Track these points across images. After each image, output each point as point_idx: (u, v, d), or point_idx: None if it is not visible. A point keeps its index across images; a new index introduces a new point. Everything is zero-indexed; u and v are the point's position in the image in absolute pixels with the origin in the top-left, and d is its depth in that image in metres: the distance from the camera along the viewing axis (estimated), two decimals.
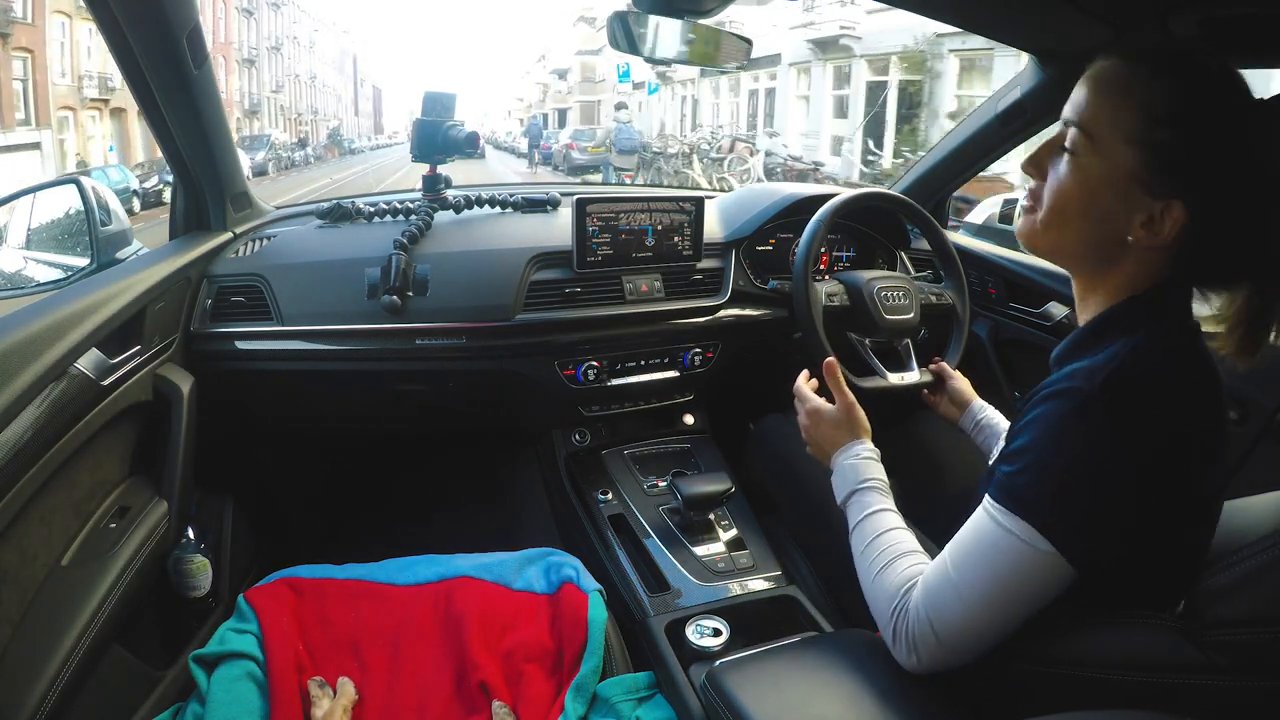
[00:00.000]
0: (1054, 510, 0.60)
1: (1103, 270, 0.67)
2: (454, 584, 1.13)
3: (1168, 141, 0.60)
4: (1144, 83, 0.61)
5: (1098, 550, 0.60)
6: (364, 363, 1.23)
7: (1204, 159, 0.59)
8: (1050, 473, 0.61)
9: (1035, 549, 0.60)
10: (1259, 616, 0.54)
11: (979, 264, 1.51)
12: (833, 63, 13.39)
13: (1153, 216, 0.61)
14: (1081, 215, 0.65)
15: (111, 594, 0.90)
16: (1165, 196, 0.60)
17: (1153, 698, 0.57)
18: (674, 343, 1.37)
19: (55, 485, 0.87)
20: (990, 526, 0.63)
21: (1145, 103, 0.60)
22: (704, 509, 1.20)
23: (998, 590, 0.62)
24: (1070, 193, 0.65)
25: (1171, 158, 0.60)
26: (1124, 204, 0.62)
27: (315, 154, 27.51)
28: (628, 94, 23.89)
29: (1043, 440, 0.61)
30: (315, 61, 41.90)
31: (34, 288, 1.12)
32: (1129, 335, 0.62)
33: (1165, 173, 0.60)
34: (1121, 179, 0.62)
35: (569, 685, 0.96)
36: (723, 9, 0.88)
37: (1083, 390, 0.59)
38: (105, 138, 16.51)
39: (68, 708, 0.81)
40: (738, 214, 1.45)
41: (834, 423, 0.90)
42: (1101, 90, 0.63)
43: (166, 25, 0.96)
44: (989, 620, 0.63)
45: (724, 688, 0.71)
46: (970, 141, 1.44)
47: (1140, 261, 0.64)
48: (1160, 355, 0.61)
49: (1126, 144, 0.61)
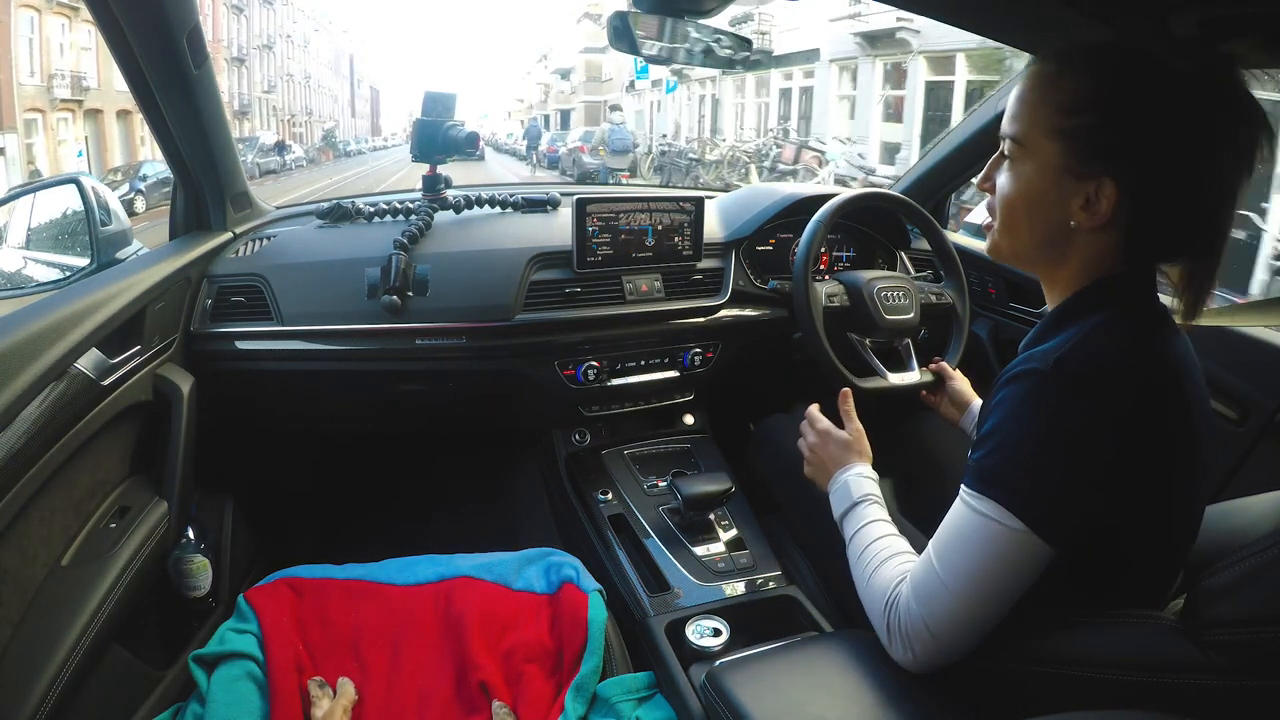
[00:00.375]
0: (1021, 488, 0.62)
1: (1059, 261, 0.70)
2: (454, 584, 1.13)
3: (1085, 126, 0.63)
4: (1054, 80, 0.66)
5: (1068, 528, 0.62)
6: (364, 363, 1.23)
7: (1122, 135, 0.63)
8: (1015, 452, 0.63)
9: (1009, 528, 0.61)
10: (1258, 616, 0.54)
11: (979, 264, 1.51)
12: (884, 59, 12.13)
13: (1089, 198, 0.64)
14: (1026, 214, 0.69)
15: (111, 594, 0.90)
16: (1095, 177, 0.63)
17: (1152, 698, 0.58)
18: (674, 343, 1.37)
19: (55, 485, 0.87)
20: (966, 513, 0.64)
21: (1058, 97, 0.65)
22: (704, 509, 1.20)
23: (980, 575, 0.63)
24: (1013, 196, 0.69)
25: (1091, 140, 0.63)
26: (1060, 192, 0.66)
27: (309, 156, 26.70)
28: (645, 90, 23.28)
29: (1006, 422, 0.64)
30: (310, 61, 41.17)
31: (34, 288, 1.12)
32: (1089, 318, 0.65)
33: (1089, 155, 0.64)
34: (1052, 170, 0.66)
35: (569, 685, 0.96)
36: (723, 9, 0.88)
37: (1039, 370, 0.62)
38: (78, 141, 15.73)
39: (68, 708, 0.81)
40: (738, 214, 1.45)
41: (842, 444, 0.93)
42: (1021, 97, 0.68)
43: (166, 25, 0.96)
44: (976, 607, 0.64)
45: (724, 688, 0.71)
46: (970, 141, 1.44)
47: (1090, 245, 0.67)
48: (1113, 336, 0.63)
49: (1049, 139, 0.65)
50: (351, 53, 60.08)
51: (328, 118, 46.21)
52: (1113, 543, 0.64)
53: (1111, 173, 0.63)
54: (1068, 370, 0.61)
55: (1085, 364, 0.61)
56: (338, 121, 49.50)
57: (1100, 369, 0.61)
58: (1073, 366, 0.61)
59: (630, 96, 24.49)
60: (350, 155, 35.38)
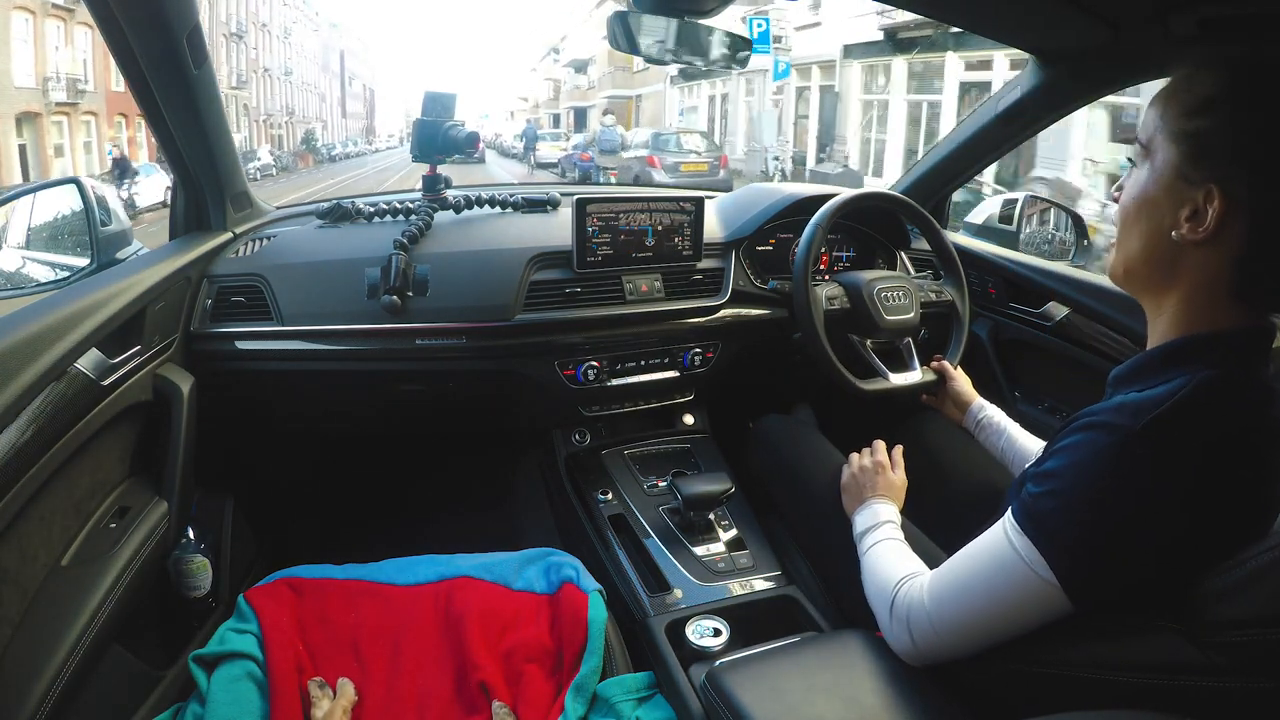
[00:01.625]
0: (1067, 545, 0.59)
1: (1165, 284, 0.64)
2: (454, 584, 1.13)
3: (1202, 129, 0.59)
4: (1185, 82, 0.61)
5: (1099, 591, 0.60)
6: (364, 363, 1.23)
7: (1237, 141, 0.58)
8: (1072, 506, 0.59)
9: (1037, 575, 0.60)
10: (1259, 617, 0.54)
11: (979, 264, 1.51)
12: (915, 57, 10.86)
13: (1196, 209, 0.59)
14: (1135, 221, 0.64)
15: (111, 594, 0.90)
16: (1204, 184, 0.58)
17: (1153, 698, 0.57)
18: (674, 343, 1.37)
19: (55, 485, 0.87)
20: (1003, 541, 0.63)
21: (1185, 98, 0.61)
22: (704, 509, 1.20)
23: (995, 602, 0.63)
24: (1127, 202, 0.65)
25: (1205, 143, 0.59)
26: (1170, 197, 0.61)
27: (280, 164, 22.98)
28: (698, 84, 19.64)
29: (1073, 470, 0.60)
30: (293, 55, 36.86)
31: (34, 288, 1.12)
32: (1195, 370, 0.58)
33: (1201, 158, 0.59)
34: (1166, 174, 0.61)
35: (569, 685, 0.96)
36: (723, 9, 0.88)
37: (1125, 428, 0.57)
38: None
39: (68, 708, 0.81)
40: (738, 214, 1.45)
41: (889, 483, 0.98)
42: (1154, 101, 0.64)
43: (166, 26, 0.96)
44: (978, 625, 0.64)
45: (724, 688, 0.71)
46: (970, 141, 1.44)
47: (1197, 269, 0.61)
48: (1223, 399, 0.57)
49: (1171, 141, 0.61)
50: (342, 48, 55.02)
51: (313, 118, 41.75)
52: (1140, 597, 0.61)
53: (1220, 179, 0.58)
54: (1159, 435, 0.56)
55: (1181, 435, 0.56)
56: (325, 122, 45.31)
57: (1197, 444, 0.56)
58: (1166, 431, 0.56)
59: (675, 89, 21.53)
60: (335, 160, 31.70)
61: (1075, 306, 1.31)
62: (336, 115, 51.83)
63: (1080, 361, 1.29)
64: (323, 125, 43.23)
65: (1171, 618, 0.59)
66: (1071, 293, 1.29)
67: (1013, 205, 1.58)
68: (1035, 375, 1.44)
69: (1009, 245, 1.55)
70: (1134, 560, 0.58)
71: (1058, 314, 1.35)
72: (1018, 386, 1.46)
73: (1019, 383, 1.47)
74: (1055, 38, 1.08)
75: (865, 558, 0.84)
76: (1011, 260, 1.46)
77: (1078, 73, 1.14)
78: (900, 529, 0.89)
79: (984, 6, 1.01)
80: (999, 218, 1.60)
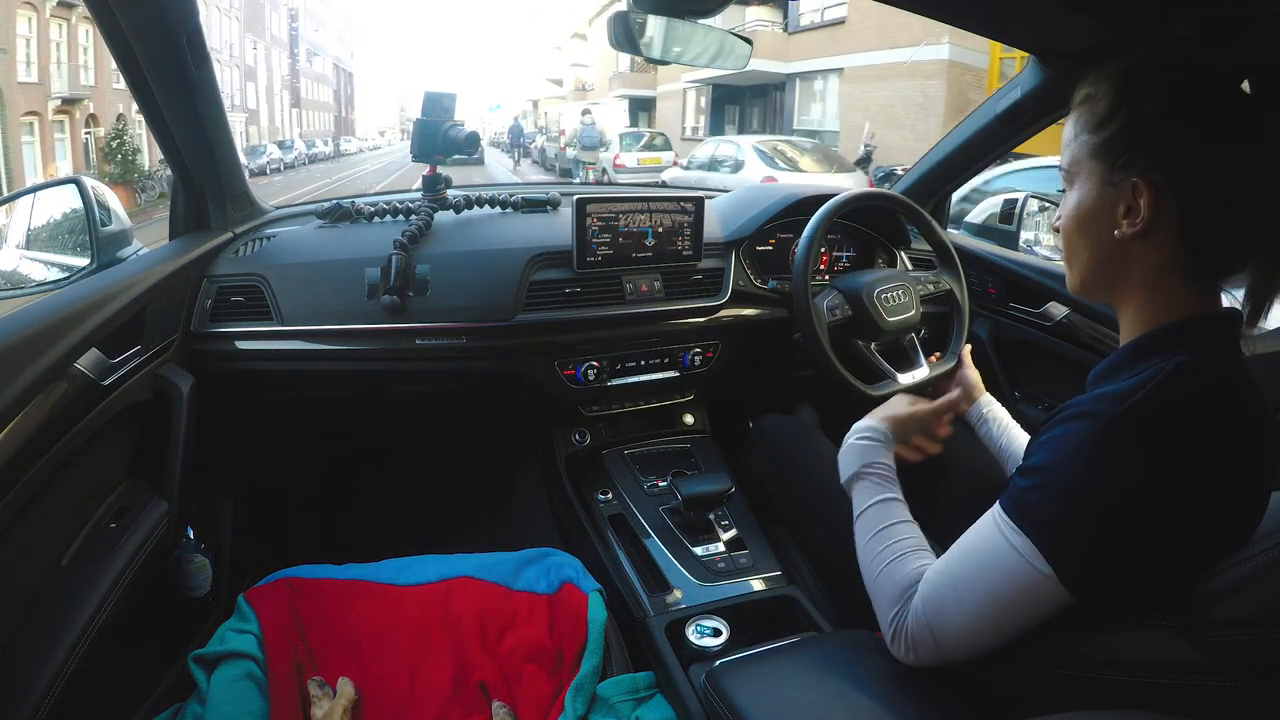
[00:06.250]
0: (1059, 534, 0.59)
1: (1121, 282, 0.67)
2: (454, 584, 1.13)
3: (1112, 135, 0.63)
4: (1087, 103, 0.66)
5: (1097, 581, 0.60)
6: (364, 363, 1.23)
7: (1145, 134, 0.62)
8: (1062, 495, 0.60)
9: (1034, 568, 0.60)
10: (1259, 617, 0.54)
11: (979, 264, 1.51)
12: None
13: (1130, 205, 0.63)
14: (1079, 235, 0.68)
15: (111, 594, 0.90)
16: (1128, 180, 0.62)
17: (1153, 698, 0.57)
18: (674, 343, 1.37)
19: (55, 485, 0.87)
20: (994, 535, 0.63)
21: (1091, 116, 0.65)
22: (704, 509, 1.20)
23: (993, 600, 0.62)
24: (1067, 223, 0.69)
25: (1119, 146, 0.63)
26: (1103, 204, 0.65)
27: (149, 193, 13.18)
28: None
29: (1059, 461, 0.60)
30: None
31: (34, 288, 1.11)
32: (1168, 357, 0.60)
33: (1119, 161, 0.63)
34: (1094, 187, 0.65)
35: (569, 685, 0.96)
36: (723, 9, 0.88)
37: (1106, 415, 0.58)
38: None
39: (68, 707, 0.81)
40: (737, 214, 1.45)
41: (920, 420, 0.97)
42: (1065, 133, 0.68)
43: (166, 26, 0.96)
44: (984, 628, 0.63)
45: (724, 688, 0.71)
46: (970, 142, 1.44)
47: (1146, 259, 0.64)
48: (1194, 384, 0.59)
49: (1090, 158, 0.65)
50: (292, 5, 37.61)
51: (232, 108, 19.15)
52: (1141, 591, 0.61)
53: (1141, 171, 0.61)
54: (1140, 419, 0.57)
55: (1160, 418, 0.57)
56: (252, 112, 29.46)
57: (1177, 427, 0.57)
58: (1146, 415, 0.57)
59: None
60: (263, 173, 18.78)
61: (1075, 306, 1.31)
62: (279, 104, 35.58)
63: (1080, 361, 1.29)
64: (248, 117, 28.76)
65: (1172, 617, 0.59)
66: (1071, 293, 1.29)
67: (1013, 205, 1.58)
68: (1035, 375, 1.44)
69: (1009, 245, 1.55)
70: (1127, 546, 0.59)
71: (1058, 314, 1.35)
72: (1018, 386, 1.46)
73: (1019, 383, 1.47)
74: (1055, 38, 1.08)
75: (857, 530, 0.80)
76: (1011, 260, 1.46)
77: (1078, 73, 1.14)
78: (889, 461, 0.85)
79: (984, 6, 1.01)
80: (999, 217, 1.60)
